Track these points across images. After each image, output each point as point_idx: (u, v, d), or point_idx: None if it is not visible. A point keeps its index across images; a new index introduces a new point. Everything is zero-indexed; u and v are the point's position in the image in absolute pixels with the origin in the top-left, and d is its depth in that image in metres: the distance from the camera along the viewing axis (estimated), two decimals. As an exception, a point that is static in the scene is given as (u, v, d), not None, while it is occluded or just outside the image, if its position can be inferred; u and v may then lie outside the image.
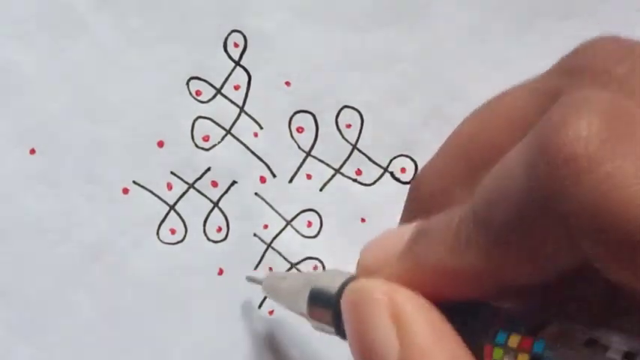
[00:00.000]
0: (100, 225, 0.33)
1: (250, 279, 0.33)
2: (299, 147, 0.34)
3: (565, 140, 0.18)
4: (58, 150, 0.33)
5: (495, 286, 0.21)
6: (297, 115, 0.34)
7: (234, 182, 0.34)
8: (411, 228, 0.23)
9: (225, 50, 0.34)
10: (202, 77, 0.34)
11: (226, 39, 0.34)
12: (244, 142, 0.34)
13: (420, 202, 0.26)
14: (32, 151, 0.32)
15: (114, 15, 0.33)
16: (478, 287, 0.21)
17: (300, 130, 0.34)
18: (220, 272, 0.34)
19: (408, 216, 0.27)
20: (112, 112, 0.33)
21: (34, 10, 0.33)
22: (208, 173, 0.34)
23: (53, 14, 0.33)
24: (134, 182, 0.33)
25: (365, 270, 0.24)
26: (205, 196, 0.34)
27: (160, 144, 0.33)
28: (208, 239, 0.34)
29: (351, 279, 0.25)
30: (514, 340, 0.21)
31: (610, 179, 0.18)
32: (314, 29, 0.34)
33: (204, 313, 0.33)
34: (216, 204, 0.34)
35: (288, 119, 0.34)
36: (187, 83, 0.34)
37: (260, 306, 0.34)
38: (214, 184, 0.34)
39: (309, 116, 0.34)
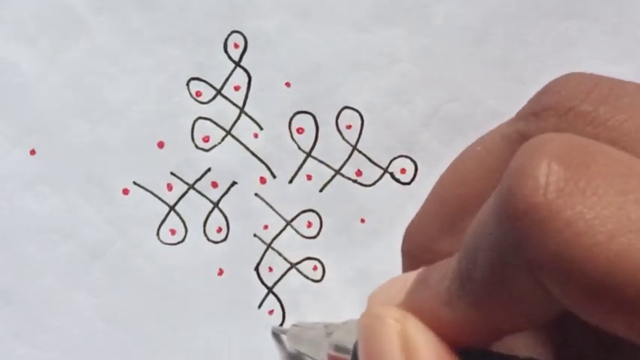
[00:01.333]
0: (100, 225, 0.33)
1: (276, 330, 0.34)
2: (299, 148, 0.34)
3: (524, 191, 0.19)
4: (59, 150, 0.33)
5: (493, 334, 0.22)
6: (297, 115, 0.34)
7: (234, 183, 0.34)
8: (413, 275, 0.24)
9: (226, 51, 0.34)
10: (202, 78, 0.34)
11: (226, 40, 0.34)
12: (244, 142, 0.34)
13: (414, 255, 0.27)
14: (32, 152, 0.32)
15: (114, 16, 0.33)
16: (476, 336, 0.22)
17: (300, 130, 0.34)
18: (220, 272, 0.34)
19: (406, 270, 0.28)
20: (112, 112, 0.33)
21: (34, 10, 0.33)
22: (208, 174, 0.34)
23: (53, 15, 0.33)
24: (134, 183, 0.33)
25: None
26: (205, 197, 0.34)
27: (160, 144, 0.33)
28: (208, 240, 0.34)
29: None
30: None
31: (570, 227, 0.18)
32: (314, 29, 0.34)
33: (204, 313, 0.33)
34: (216, 204, 0.34)
35: (288, 120, 0.34)
36: (187, 84, 0.34)
37: (260, 306, 0.34)
38: (214, 184, 0.34)
39: (309, 117, 0.34)
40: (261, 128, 0.34)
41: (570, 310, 0.19)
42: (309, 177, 0.34)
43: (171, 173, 0.33)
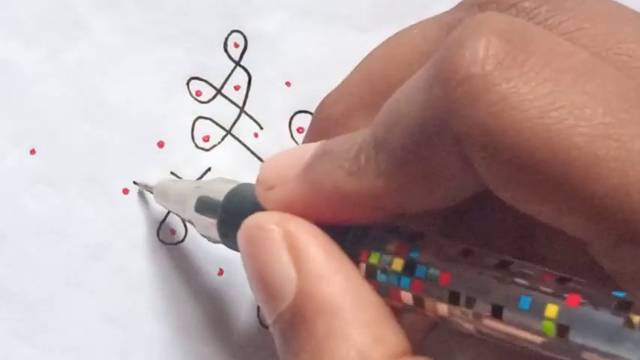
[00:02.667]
0: (100, 225, 0.33)
1: (141, 185, 0.33)
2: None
3: (461, 61, 0.18)
4: (59, 150, 0.33)
5: (393, 211, 0.21)
6: (298, 115, 0.34)
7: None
8: (314, 146, 0.23)
9: (226, 50, 0.34)
10: (202, 77, 0.34)
11: (226, 39, 0.34)
12: (244, 142, 0.34)
13: (323, 126, 0.27)
14: (32, 152, 0.32)
15: (114, 15, 0.33)
16: (375, 211, 0.21)
17: (300, 130, 0.34)
18: (220, 272, 0.34)
19: (310, 138, 0.27)
20: (112, 112, 0.33)
21: (34, 10, 0.33)
22: (209, 173, 0.34)
23: (53, 14, 0.33)
24: (134, 182, 0.33)
25: (263, 184, 0.24)
26: (205, 197, 0.34)
27: (161, 144, 0.33)
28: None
29: (239, 188, 0.26)
30: (391, 246, 0.21)
31: (504, 100, 0.18)
32: (314, 29, 0.34)
33: (205, 313, 0.33)
34: (216, 204, 0.34)
35: (288, 119, 0.34)
36: (187, 83, 0.34)
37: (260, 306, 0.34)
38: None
39: (310, 116, 0.34)
40: (262, 128, 0.34)
41: (490, 188, 0.19)
42: (309, 176, 0.34)
43: (172, 173, 0.33)
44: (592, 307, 0.18)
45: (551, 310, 0.18)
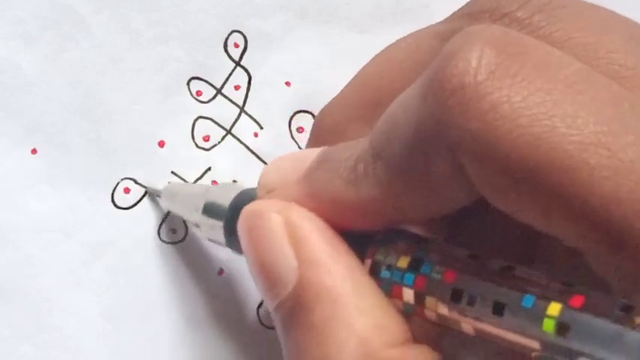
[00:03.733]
0: (100, 225, 0.33)
1: (149, 188, 0.33)
2: (299, 147, 0.34)
3: (454, 71, 0.19)
4: (59, 150, 0.33)
5: (392, 220, 0.22)
6: (298, 115, 0.34)
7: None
8: (315, 152, 0.23)
9: (226, 50, 0.34)
10: (203, 77, 0.34)
11: (227, 39, 0.34)
12: (245, 142, 0.34)
13: (322, 135, 0.27)
14: (34, 151, 0.32)
15: (114, 15, 0.33)
16: (374, 219, 0.22)
17: (300, 130, 0.34)
18: (220, 272, 0.34)
19: (311, 146, 0.27)
20: (113, 112, 0.33)
21: (34, 10, 0.33)
22: (209, 173, 0.34)
23: (53, 14, 0.33)
24: (135, 182, 0.33)
25: (264, 188, 0.24)
26: (206, 196, 0.34)
27: (161, 144, 0.33)
28: (209, 239, 0.33)
29: (245, 193, 0.26)
30: (398, 246, 0.21)
31: (496, 109, 0.18)
32: (314, 29, 0.34)
33: (205, 313, 0.33)
34: (216, 204, 0.34)
35: (288, 119, 0.34)
36: (188, 83, 0.34)
37: (260, 306, 0.34)
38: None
39: (310, 116, 0.34)
40: (262, 127, 0.34)
41: (484, 197, 0.19)
42: (309, 176, 0.34)
43: (172, 172, 0.33)
44: (595, 309, 0.18)
45: (554, 308, 0.18)
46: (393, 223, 0.22)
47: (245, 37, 0.34)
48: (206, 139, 0.34)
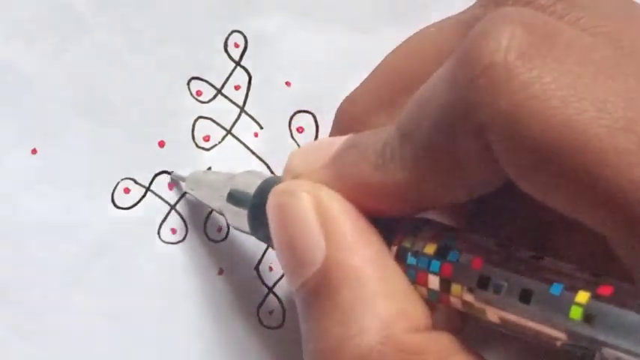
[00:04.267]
0: (100, 225, 0.33)
1: (174, 177, 0.33)
2: (299, 147, 0.34)
3: (484, 50, 0.18)
4: (59, 150, 0.33)
5: (418, 205, 0.22)
6: (298, 115, 0.34)
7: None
8: (342, 139, 0.23)
9: (226, 50, 0.34)
10: (203, 77, 0.34)
11: (227, 39, 0.34)
12: (245, 142, 0.34)
13: (345, 125, 0.27)
14: (34, 151, 0.32)
15: (114, 15, 0.33)
16: (400, 204, 0.22)
17: (300, 130, 0.34)
18: (220, 272, 0.34)
19: (333, 133, 0.27)
20: (113, 112, 0.33)
21: (34, 10, 0.33)
22: (209, 173, 0.34)
23: (53, 14, 0.33)
24: (135, 182, 0.33)
25: (290, 173, 0.24)
26: (206, 196, 0.34)
27: (161, 144, 0.33)
28: (209, 239, 0.34)
29: (269, 181, 0.26)
30: (425, 233, 0.21)
31: (526, 89, 0.18)
32: (314, 29, 0.34)
33: (204, 313, 0.33)
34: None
35: (288, 119, 0.34)
36: (188, 83, 0.34)
37: (260, 306, 0.34)
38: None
39: (310, 116, 0.34)
40: (262, 127, 0.34)
41: (511, 178, 0.19)
42: (309, 176, 0.34)
43: (172, 172, 0.33)
44: (622, 300, 0.18)
45: (583, 296, 0.18)
46: (419, 209, 0.22)
47: (245, 37, 0.34)
48: (206, 139, 0.34)
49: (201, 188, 0.31)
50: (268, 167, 0.34)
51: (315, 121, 0.34)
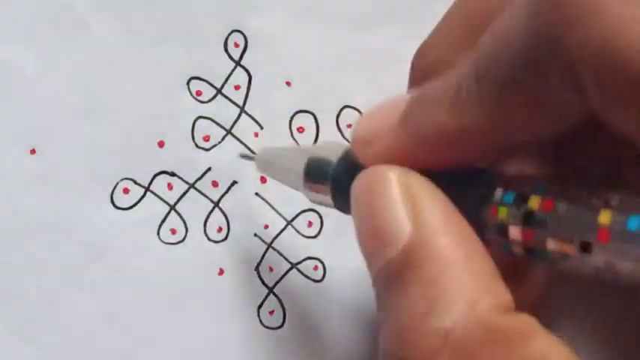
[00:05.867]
0: (100, 225, 0.33)
1: (243, 155, 0.33)
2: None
3: None
4: (59, 150, 0.33)
5: (498, 147, 0.21)
6: (298, 115, 0.34)
7: (234, 182, 0.34)
8: (407, 97, 0.23)
9: (226, 50, 0.34)
10: (203, 77, 0.34)
11: (227, 39, 0.34)
12: (245, 142, 0.34)
13: (424, 71, 0.26)
14: (33, 151, 0.32)
15: (114, 15, 0.33)
16: (480, 148, 0.21)
17: (300, 130, 0.34)
18: (220, 272, 0.34)
19: (412, 87, 0.26)
20: (112, 112, 0.33)
21: (34, 10, 0.33)
22: (209, 173, 0.34)
23: (53, 14, 0.33)
24: (135, 182, 0.33)
25: (359, 141, 0.24)
26: (206, 196, 0.34)
27: (161, 144, 0.33)
28: (209, 239, 0.33)
29: (350, 153, 0.25)
30: (534, 201, 0.21)
31: (619, 22, 0.17)
32: (314, 29, 0.34)
33: (205, 313, 0.33)
34: (216, 204, 0.34)
35: (288, 119, 0.34)
36: (188, 83, 0.34)
37: (260, 306, 0.34)
38: (215, 184, 0.34)
39: (310, 116, 0.34)
40: (262, 127, 0.34)
41: (599, 112, 0.18)
42: (309, 176, 0.34)
43: (173, 173, 0.33)
44: None
45: None
46: (500, 153, 0.22)
47: (245, 37, 0.34)
48: (206, 139, 0.34)
49: (274, 167, 0.30)
50: (268, 167, 0.34)
51: (315, 121, 0.34)
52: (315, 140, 0.34)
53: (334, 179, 0.26)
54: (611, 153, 0.22)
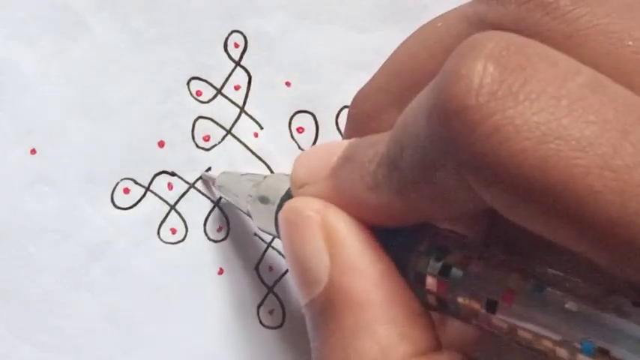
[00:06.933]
0: (100, 225, 0.33)
1: (205, 177, 0.33)
2: (299, 147, 0.34)
3: (456, 92, 0.18)
4: (59, 150, 0.33)
5: (413, 220, 0.22)
6: (298, 115, 0.34)
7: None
8: (343, 145, 0.23)
9: (226, 50, 0.34)
10: (203, 77, 0.34)
11: (227, 39, 0.34)
12: (245, 142, 0.34)
13: (358, 121, 0.27)
14: (33, 151, 0.32)
15: (114, 15, 0.33)
16: (396, 220, 0.22)
17: (300, 130, 0.34)
18: (220, 272, 0.34)
19: (348, 134, 0.27)
20: (113, 112, 0.33)
21: (34, 10, 0.33)
22: (209, 173, 0.34)
23: (53, 14, 0.33)
24: (135, 182, 0.33)
25: (295, 182, 0.24)
26: (206, 196, 0.34)
27: (161, 144, 0.33)
28: (209, 239, 0.34)
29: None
30: (454, 256, 0.21)
31: (499, 132, 0.18)
32: (314, 29, 0.34)
33: (204, 313, 0.33)
34: (216, 204, 0.34)
35: (288, 119, 0.34)
36: (188, 83, 0.34)
37: (260, 305, 0.34)
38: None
39: (310, 116, 0.34)
40: (262, 127, 0.34)
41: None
42: (309, 176, 0.34)
43: (173, 173, 0.33)
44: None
45: None
46: (413, 222, 0.22)
47: (245, 37, 0.34)
48: (206, 139, 0.34)
49: (230, 191, 0.32)
50: (268, 167, 0.34)
51: (315, 121, 0.34)
52: (315, 141, 0.34)
53: (278, 213, 0.27)
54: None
